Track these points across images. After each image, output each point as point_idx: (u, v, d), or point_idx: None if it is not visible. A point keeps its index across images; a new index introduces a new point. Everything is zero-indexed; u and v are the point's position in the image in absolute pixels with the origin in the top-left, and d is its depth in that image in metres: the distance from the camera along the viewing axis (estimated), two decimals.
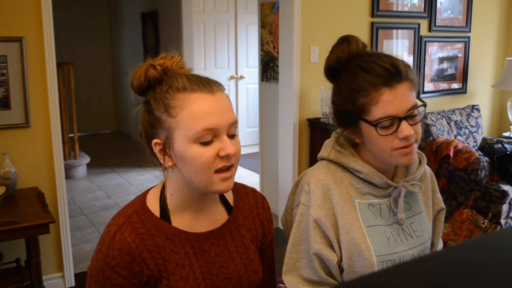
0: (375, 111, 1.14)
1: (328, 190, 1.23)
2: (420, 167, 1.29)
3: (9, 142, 2.64)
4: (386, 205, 1.25)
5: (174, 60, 1.08)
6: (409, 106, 1.15)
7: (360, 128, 1.20)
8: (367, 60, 1.18)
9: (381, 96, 1.14)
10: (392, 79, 1.14)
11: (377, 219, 1.23)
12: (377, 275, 0.66)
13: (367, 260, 1.18)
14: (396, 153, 1.17)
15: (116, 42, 7.40)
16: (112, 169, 5.63)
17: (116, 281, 1.04)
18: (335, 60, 1.22)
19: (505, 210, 3.36)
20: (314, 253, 1.21)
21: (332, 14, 3.58)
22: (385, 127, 1.15)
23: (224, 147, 1.02)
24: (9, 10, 2.55)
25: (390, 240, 1.22)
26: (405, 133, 1.14)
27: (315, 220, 1.21)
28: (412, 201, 1.30)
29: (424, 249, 1.28)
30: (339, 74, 1.22)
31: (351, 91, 1.17)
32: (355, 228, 1.20)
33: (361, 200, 1.23)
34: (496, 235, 0.87)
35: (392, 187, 1.24)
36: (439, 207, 1.37)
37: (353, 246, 1.20)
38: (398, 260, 1.22)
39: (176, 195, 1.10)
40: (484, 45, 4.57)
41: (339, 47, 1.23)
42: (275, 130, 3.90)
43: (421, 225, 1.28)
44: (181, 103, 1.02)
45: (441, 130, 3.76)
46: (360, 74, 1.16)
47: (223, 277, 1.12)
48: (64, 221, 2.85)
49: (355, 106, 1.17)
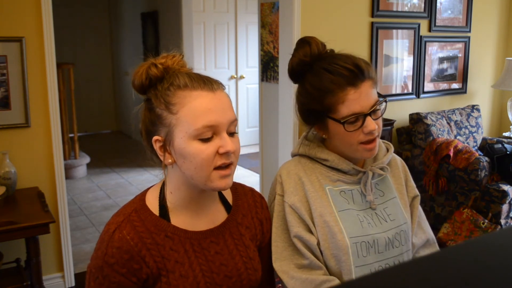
0: (341, 109, 1.22)
1: (299, 179, 1.31)
2: (388, 154, 1.37)
3: (9, 142, 2.64)
4: (358, 191, 1.31)
5: (175, 59, 1.09)
6: (373, 103, 1.24)
7: (327, 125, 1.28)
8: (330, 62, 1.25)
9: (347, 96, 1.21)
10: (356, 79, 1.22)
11: (349, 204, 1.29)
12: (377, 275, 0.66)
13: (340, 242, 1.23)
14: (361, 147, 1.26)
15: (116, 42, 7.40)
16: (112, 169, 5.63)
17: (115, 279, 1.04)
18: (298, 63, 1.29)
19: (505, 210, 3.36)
20: (295, 236, 1.26)
21: (332, 14, 3.58)
22: (351, 123, 1.23)
23: (223, 144, 1.03)
24: (9, 10, 2.55)
25: (363, 223, 1.27)
26: (370, 127, 1.23)
27: (290, 205, 1.28)
28: (385, 187, 1.36)
29: (399, 232, 1.31)
30: (303, 75, 1.29)
31: (317, 91, 1.25)
32: (327, 212, 1.26)
33: (332, 187, 1.30)
34: (496, 235, 0.87)
35: (361, 173, 1.31)
36: (413, 194, 1.42)
37: (327, 229, 1.25)
38: (372, 242, 1.26)
39: (176, 193, 1.11)
40: (484, 45, 4.57)
41: (301, 50, 1.29)
42: (275, 130, 3.90)
43: (394, 209, 1.34)
44: (182, 100, 1.03)
45: (441, 130, 3.76)
46: (325, 76, 1.24)
47: (223, 275, 1.12)
48: (64, 221, 2.85)
49: (322, 105, 1.25)
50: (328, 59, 1.26)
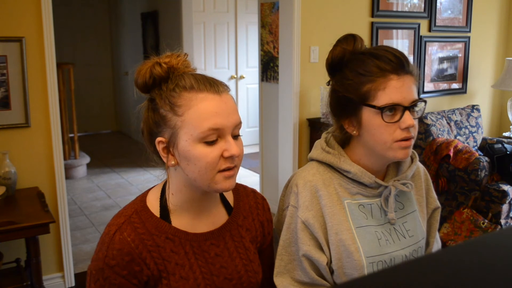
0: (381, 97, 1.13)
1: (316, 191, 1.22)
2: (412, 165, 1.27)
3: (9, 142, 2.64)
4: (377, 205, 1.23)
5: (179, 58, 1.07)
6: (413, 98, 1.16)
7: (360, 118, 1.18)
8: (377, 48, 1.19)
9: (389, 82, 1.13)
10: (401, 68, 1.14)
11: (367, 220, 1.21)
12: (376, 275, 0.66)
13: (356, 261, 1.17)
14: (396, 145, 1.15)
15: (116, 42, 7.40)
16: (112, 169, 5.63)
17: (115, 281, 1.04)
18: (341, 51, 1.21)
19: (505, 210, 3.36)
20: (303, 255, 1.20)
21: (332, 14, 3.58)
22: (389, 114, 1.14)
23: (228, 147, 1.02)
24: (9, 10, 2.55)
25: (381, 241, 1.20)
26: (408, 122, 1.13)
27: (303, 221, 1.20)
28: (405, 200, 1.28)
29: (417, 249, 1.25)
30: (342, 67, 1.21)
31: (357, 76, 1.16)
32: (344, 229, 1.19)
33: (351, 201, 1.21)
34: (496, 235, 0.87)
35: (383, 187, 1.22)
36: (434, 206, 1.35)
37: (342, 247, 1.18)
38: (389, 261, 1.20)
39: (177, 195, 1.10)
40: (484, 45, 4.57)
41: (345, 42, 1.23)
42: (275, 130, 3.90)
43: (414, 224, 1.27)
44: (187, 102, 1.01)
45: (441, 130, 3.76)
46: (370, 60, 1.16)
47: (223, 277, 1.11)
48: (64, 221, 2.85)
49: (359, 92, 1.16)
50: (372, 48, 1.20)
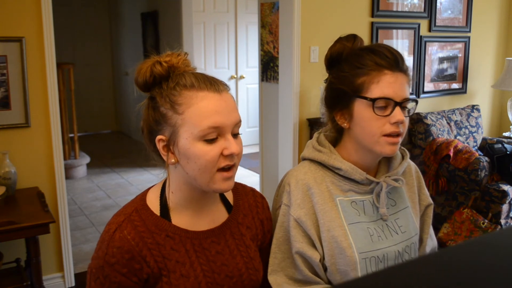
0: (374, 90, 1.17)
1: (308, 189, 1.24)
2: (403, 162, 1.30)
3: (9, 142, 2.64)
4: (370, 202, 1.25)
5: (180, 57, 1.08)
6: (405, 96, 1.19)
7: (351, 110, 1.21)
8: (375, 45, 1.24)
9: (383, 76, 1.17)
10: (396, 65, 1.19)
11: (360, 216, 1.23)
12: (376, 275, 0.66)
13: (349, 258, 1.18)
14: (383, 140, 1.19)
15: (116, 42, 7.40)
16: (112, 169, 5.63)
17: (115, 278, 1.04)
18: (340, 47, 1.25)
19: (505, 210, 3.36)
20: (296, 252, 1.22)
21: (332, 14, 3.58)
22: (380, 107, 1.17)
23: (228, 146, 1.03)
24: (9, 10, 2.55)
25: (373, 237, 1.22)
26: (398, 117, 1.17)
27: (295, 219, 1.22)
28: (397, 197, 1.30)
29: (410, 245, 1.27)
30: (340, 61, 1.25)
31: (353, 69, 1.20)
32: (336, 226, 1.20)
33: (343, 198, 1.24)
34: (496, 235, 0.87)
35: (374, 183, 1.25)
36: (427, 203, 1.37)
37: (335, 244, 1.20)
38: (382, 257, 1.21)
39: (177, 193, 1.11)
40: (484, 45, 4.57)
41: (345, 39, 1.27)
42: (275, 130, 3.90)
43: (406, 220, 1.28)
44: (188, 100, 1.02)
45: (441, 130, 3.76)
46: (367, 55, 1.20)
47: (224, 275, 1.12)
48: (64, 221, 2.85)
49: (353, 84, 1.20)
50: (371, 45, 1.25)
